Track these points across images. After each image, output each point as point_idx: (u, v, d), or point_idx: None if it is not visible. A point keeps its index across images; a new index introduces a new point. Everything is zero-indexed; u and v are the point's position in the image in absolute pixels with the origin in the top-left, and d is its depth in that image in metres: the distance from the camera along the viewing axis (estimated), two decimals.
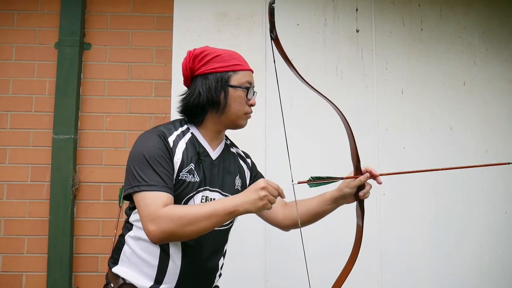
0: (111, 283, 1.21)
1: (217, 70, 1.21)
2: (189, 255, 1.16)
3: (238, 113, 1.23)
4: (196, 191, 1.17)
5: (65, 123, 2.14)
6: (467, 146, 2.25)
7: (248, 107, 1.25)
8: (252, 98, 1.26)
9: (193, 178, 1.17)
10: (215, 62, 1.22)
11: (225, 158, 1.29)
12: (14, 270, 2.10)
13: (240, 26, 2.24)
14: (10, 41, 2.22)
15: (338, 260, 2.12)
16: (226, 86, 1.21)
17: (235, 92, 1.22)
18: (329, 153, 2.19)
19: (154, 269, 1.15)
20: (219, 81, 1.20)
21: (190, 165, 1.18)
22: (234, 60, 1.24)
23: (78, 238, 2.14)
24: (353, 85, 2.25)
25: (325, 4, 2.29)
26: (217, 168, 1.25)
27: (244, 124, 1.27)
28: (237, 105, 1.22)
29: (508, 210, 2.23)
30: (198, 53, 1.24)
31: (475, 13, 2.33)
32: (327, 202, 1.34)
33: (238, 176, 1.31)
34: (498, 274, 2.19)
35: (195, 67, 1.24)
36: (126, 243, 1.22)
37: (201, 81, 1.22)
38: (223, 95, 1.20)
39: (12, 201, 2.13)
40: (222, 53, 1.24)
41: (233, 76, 1.22)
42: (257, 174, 1.43)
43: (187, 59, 1.27)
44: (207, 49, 1.25)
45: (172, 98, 2.17)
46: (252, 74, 1.29)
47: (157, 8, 2.28)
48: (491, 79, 2.30)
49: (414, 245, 2.17)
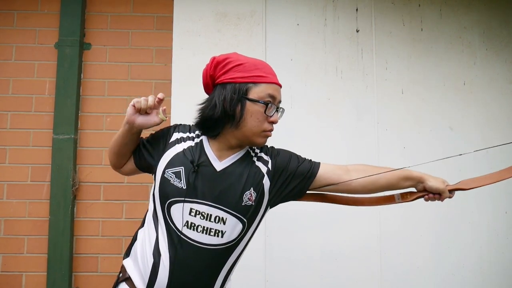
0: (120, 273, 1.21)
1: (236, 80, 1.11)
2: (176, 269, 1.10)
3: (254, 130, 1.12)
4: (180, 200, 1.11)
5: (65, 123, 2.14)
6: (467, 146, 2.25)
7: (267, 124, 1.13)
8: (273, 115, 1.13)
9: (179, 183, 1.12)
10: (236, 71, 1.12)
11: (236, 170, 1.16)
12: (14, 270, 2.10)
13: (240, 26, 2.23)
14: (10, 41, 2.22)
15: (338, 260, 2.13)
16: (244, 99, 1.10)
17: (252, 107, 1.11)
18: (329, 153, 2.19)
19: (147, 276, 1.12)
20: (236, 92, 1.10)
21: (180, 168, 1.13)
22: (257, 71, 1.13)
23: (78, 238, 2.13)
24: (353, 85, 2.25)
25: (325, 4, 2.29)
26: (220, 179, 1.14)
27: (262, 143, 1.16)
28: (254, 121, 1.11)
29: (508, 210, 2.23)
30: (221, 60, 1.14)
31: (475, 13, 2.33)
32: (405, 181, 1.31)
33: (252, 189, 1.16)
34: (498, 274, 2.19)
35: (216, 75, 1.15)
36: (137, 239, 1.21)
37: (219, 91, 1.13)
38: (239, 108, 1.10)
39: (12, 201, 2.13)
40: (246, 62, 1.13)
41: (252, 88, 1.11)
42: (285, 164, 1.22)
43: (209, 66, 1.17)
44: (231, 56, 1.15)
45: (172, 98, 2.17)
46: (279, 88, 1.17)
47: (157, 8, 2.28)
48: (491, 79, 2.30)
49: (414, 245, 2.17)
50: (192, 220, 1.11)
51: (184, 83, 2.17)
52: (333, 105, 2.23)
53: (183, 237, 1.11)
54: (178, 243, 1.11)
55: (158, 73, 2.24)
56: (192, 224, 1.12)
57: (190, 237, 1.11)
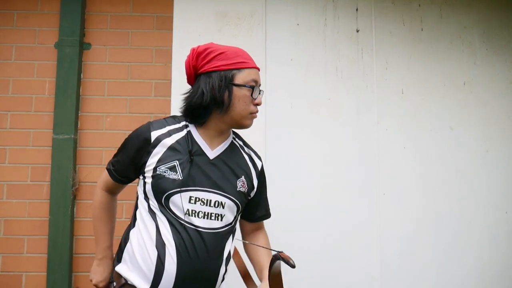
0: (114, 282, 1.21)
1: (221, 68, 1.17)
2: (184, 258, 1.13)
3: (243, 113, 1.19)
4: (179, 190, 1.15)
5: (65, 123, 2.14)
6: (467, 146, 2.25)
7: (253, 106, 1.21)
8: (258, 97, 1.21)
9: (175, 176, 1.15)
10: (219, 60, 1.18)
11: (228, 157, 1.25)
12: (14, 270, 2.10)
13: (240, 26, 2.23)
14: (10, 41, 2.22)
15: (337, 260, 2.12)
16: (230, 85, 1.17)
17: (239, 91, 1.18)
18: (329, 153, 2.19)
19: (151, 272, 1.13)
20: (222, 79, 1.16)
21: (174, 162, 1.16)
22: (239, 58, 1.19)
23: (78, 238, 2.13)
24: (353, 85, 2.25)
25: (325, 4, 2.29)
26: (214, 167, 1.21)
27: (249, 124, 1.24)
28: (242, 104, 1.18)
29: (508, 210, 2.23)
30: (201, 50, 1.20)
31: (475, 13, 2.33)
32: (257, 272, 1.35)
33: (243, 177, 1.26)
34: (498, 274, 2.19)
35: (199, 65, 1.20)
36: (129, 240, 1.21)
37: (204, 79, 1.18)
38: (227, 94, 1.17)
39: (12, 201, 2.13)
40: (226, 50, 1.20)
41: (237, 74, 1.18)
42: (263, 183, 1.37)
43: (191, 57, 1.23)
44: (211, 46, 1.21)
45: (172, 98, 2.17)
46: (258, 72, 1.25)
47: (157, 8, 2.28)
48: (491, 79, 2.30)
49: (414, 245, 2.17)
50: (193, 208, 1.16)
51: (184, 83, 2.14)
52: (333, 105, 2.23)
53: (187, 225, 1.15)
54: (183, 231, 1.15)
55: (158, 73, 2.24)
56: (193, 211, 1.16)
57: (193, 223, 1.16)
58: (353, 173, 2.18)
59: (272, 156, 2.14)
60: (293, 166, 2.18)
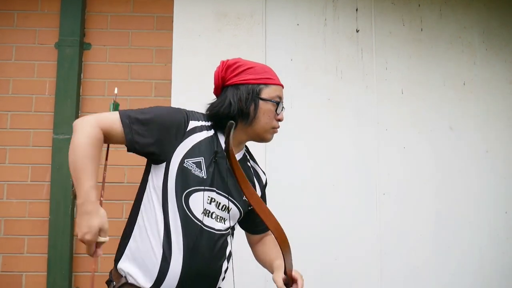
0: (113, 281, 1.20)
1: (249, 81, 1.22)
2: (190, 257, 1.15)
3: (266, 127, 1.25)
4: (200, 189, 1.17)
5: (65, 123, 2.14)
6: (467, 146, 2.25)
7: (276, 121, 1.26)
8: (281, 113, 1.27)
9: (200, 173, 1.18)
10: (248, 73, 1.23)
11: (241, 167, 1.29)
12: (14, 270, 2.09)
13: (240, 26, 2.23)
14: (10, 41, 2.22)
15: (338, 260, 2.13)
16: (257, 99, 1.22)
17: (265, 105, 1.23)
18: (329, 153, 2.19)
19: (155, 270, 1.14)
20: (250, 92, 1.21)
21: (200, 158, 1.18)
22: (266, 74, 1.26)
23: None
24: (353, 85, 2.25)
25: (325, 4, 2.29)
26: (229, 173, 1.24)
27: (270, 139, 1.29)
28: (266, 118, 1.23)
29: (508, 210, 2.23)
30: (231, 63, 1.25)
31: (475, 13, 2.33)
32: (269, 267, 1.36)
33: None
34: (498, 274, 2.19)
35: (227, 77, 1.25)
36: (132, 236, 1.21)
37: (232, 91, 1.23)
38: (253, 107, 1.22)
39: (12, 201, 2.13)
40: (255, 65, 1.26)
41: (264, 89, 1.23)
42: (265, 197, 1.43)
43: (220, 69, 1.27)
44: (240, 60, 1.27)
45: (172, 98, 2.17)
46: (283, 89, 1.30)
47: (157, 8, 2.28)
48: (491, 79, 2.30)
49: (414, 245, 2.17)
50: (209, 208, 1.20)
51: (184, 83, 2.17)
52: (333, 105, 2.23)
53: (199, 223, 1.17)
54: (196, 230, 1.16)
55: (158, 73, 2.24)
56: (208, 211, 1.20)
57: (206, 223, 1.19)
58: (353, 173, 2.19)
59: (272, 156, 2.14)
60: (292, 166, 2.18)
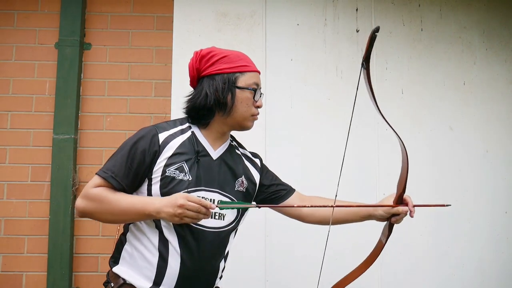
0: (111, 283, 1.21)
1: (224, 71, 1.20)
2: (188, 257, 1.15)
3: (245, 115, 1.23)
4: (189, 190, 1.16)
5: (65, 123, 2.14)
6: (467, 146, 2.25)
7: (254, 109, 1.25)
8: (259, 100, 1.25)
9: (184, 176, 1.16)
10: (222, 63, 1.21)
11: (228, 158, 1.28)
12: (14, 270, 2.10)
13: (240, 26, 2.24)
14: (10, 41, 2.22)
15: (338, 260, 2.12)
16: (233, 88, 1.20)
17: (242, 94, 1.21)
18: (329, 153, 2.19)
19: (153, 270, 1.14)
20: (226, 82, 1.20)
21: (182, 163, 1.17)
22: (241, 61, 1.23)
23: (78, 238, 2.14)
24: (353, 85, 2.25)
25: (325, 4, 2.30)
26: (217, 168, 1.24)
27: (250, 126, 1.27)
28: (244, 106, 1.22)
29: (508, 210, 2.23)
30: (205, 53, 1.23)
31: (475, 13, 2.33)
32: (360, 215, 1.39)
33: (243, 177, 1.30)
34: (498, 274, 2.19)
35: (202, 68, 1.23)
36: (127, 241, 1.22)
37: (208, 82, 1.21)
38: (230, 96, 1.20)
39: (12, 201, 2.13)
40: (229, 54, 1.23)
41: (240, 77, 1.21)
42: (267, 172, 1.42)
43: (194, 60, 1.25)
44: (214, 49, 1.24)
45: (172, 98, 2.17)
46: (259, 75, 1.28)
47: (157, 8, 2.28)
48: (491, 79, 2.30)
49: (414, 245, 2.17)
50: None
51: (184, 83, 2.14)
52: (333, 105, 2.23)
53: (192, 224, 1.15)
54: (188, 231, 1.15)
55: (158, 73, 2.24)
56: None
57: (202, 223, 1.17)
58: (353, 173, 2.19)
59: (272, 156, 2.14)
60: (293, 166, 2.18)
